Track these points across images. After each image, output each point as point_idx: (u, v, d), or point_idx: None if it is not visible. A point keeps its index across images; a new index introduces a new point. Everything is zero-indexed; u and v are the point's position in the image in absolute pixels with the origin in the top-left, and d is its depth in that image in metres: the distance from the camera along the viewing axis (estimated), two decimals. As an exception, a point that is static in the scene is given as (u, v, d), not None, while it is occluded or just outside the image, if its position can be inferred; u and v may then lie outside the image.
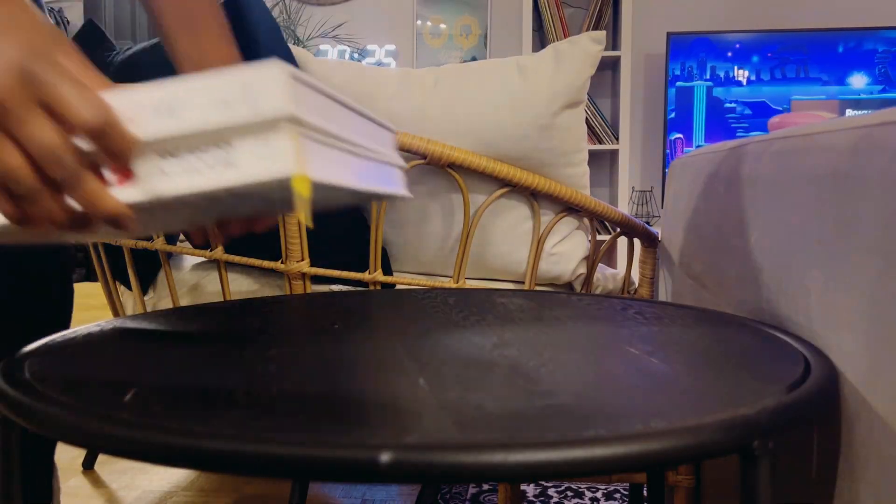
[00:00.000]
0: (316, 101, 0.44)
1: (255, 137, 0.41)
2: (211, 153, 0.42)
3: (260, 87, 0.40)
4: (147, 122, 0.42)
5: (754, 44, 3.14)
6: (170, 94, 0.42)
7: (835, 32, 3.11)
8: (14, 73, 0.39)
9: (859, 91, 3.10)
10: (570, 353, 0.50)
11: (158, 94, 0.42)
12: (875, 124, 0.50)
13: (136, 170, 0.43)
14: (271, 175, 0.41)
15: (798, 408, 0.40)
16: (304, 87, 0.42)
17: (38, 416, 0.40)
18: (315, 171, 0.42)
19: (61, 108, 0.40)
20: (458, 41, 3.52)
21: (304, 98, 0.42)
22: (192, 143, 0.42)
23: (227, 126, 0.41)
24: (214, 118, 0.41)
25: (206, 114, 0.41)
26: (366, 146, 0.51)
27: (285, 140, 0.41)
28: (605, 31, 1.20)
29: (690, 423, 0.36)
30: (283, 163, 0.41)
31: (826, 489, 0.53)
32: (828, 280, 0.53)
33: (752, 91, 3.16)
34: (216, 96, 0.41)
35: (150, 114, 0.42)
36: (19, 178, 0.40)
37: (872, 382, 0.47)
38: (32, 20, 0.42)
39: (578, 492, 1.34)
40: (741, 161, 0.75)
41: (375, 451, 0.33)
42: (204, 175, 0.42)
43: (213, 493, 1.41)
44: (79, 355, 0.52)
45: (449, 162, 1.12)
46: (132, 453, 0.36)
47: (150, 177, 0.43)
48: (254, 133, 0.41)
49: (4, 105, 0.39)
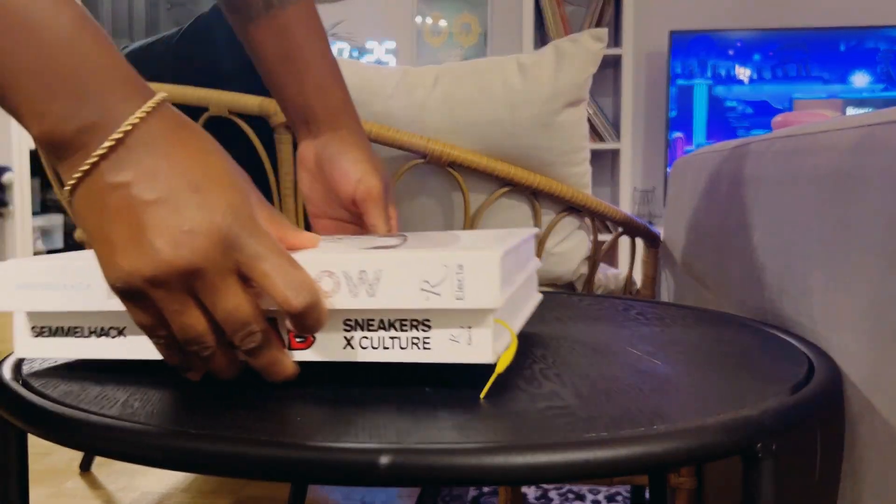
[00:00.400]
0: (506, 265, 0.42)
1: (455, 323, 0.39)
2: (404, 333, 0.40)
3: (468, 275, 0.38)
4: (343, 297, 0.39)
5: (755, 42, 3.14)
6: (370, 265, 0.39)
7: (836, 31, 3.10)
8: (216, 239, 0.36)
9: (861, 90, 3.10)
10: (571, 354, 0.50)
11: (358, 264, 0.39)
12: (878, 123, 0.50)
13: (318, 335, 0.41)
14: (466, 360, 0.39)
15: (801, 409, 0.40)
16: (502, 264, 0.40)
17: (35, 417, 0.39)
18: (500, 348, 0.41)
19: (268, 289, 0.37)
20: (458, 39, 3.51)
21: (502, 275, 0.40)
22: (385, 319, 0.40)
23: (427, 309, 0.39)
24: (414, 300, 0.39)
25: (405, 293, 0.39)
26: (524, 275, 0.50)
27: (487, 328, 0.39)
28: (607, 29, 1.20)
29: (692, 424, 0.36)
30: (481, 351, 0.39)
31: (829, 490, 0.53)
32: (830, 280, 0.53)
33: (753, 90, 3.15)
34: (419, 275, 0.38)
35: (347, 288, 0.39)
36: (201, 342, 0.38)
37: (875, 383, 0.47)
38: (223, 162, 0.39)
39: (580, 494, 1.34)
40: (743, 160, 0.75)
41: (375, 453, 0.33)
42: (392, 351, 0.40)
43: (212, 495, 1.40)
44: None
45: (449, 161, 1.12)
46: (130, 455, 0.36)
47: (332, 344, 0.41)
48: (455, 319, 0.39)
49: (201, 271, 0.36)
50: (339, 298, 0.39)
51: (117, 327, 0.44)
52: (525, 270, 0.50)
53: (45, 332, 0.45)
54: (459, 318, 0.39)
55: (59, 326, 0.45)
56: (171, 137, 0.38)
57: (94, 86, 0.37)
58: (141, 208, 0.36)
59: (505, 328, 0.41)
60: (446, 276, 0.38)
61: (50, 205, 4.25)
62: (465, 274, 0.38)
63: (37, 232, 3.96)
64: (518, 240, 0.48)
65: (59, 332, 0.45)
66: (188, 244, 0.36)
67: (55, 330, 0.45)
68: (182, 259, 0.36)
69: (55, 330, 0.45)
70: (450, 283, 0.38)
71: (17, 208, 3.67)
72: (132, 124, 0.37)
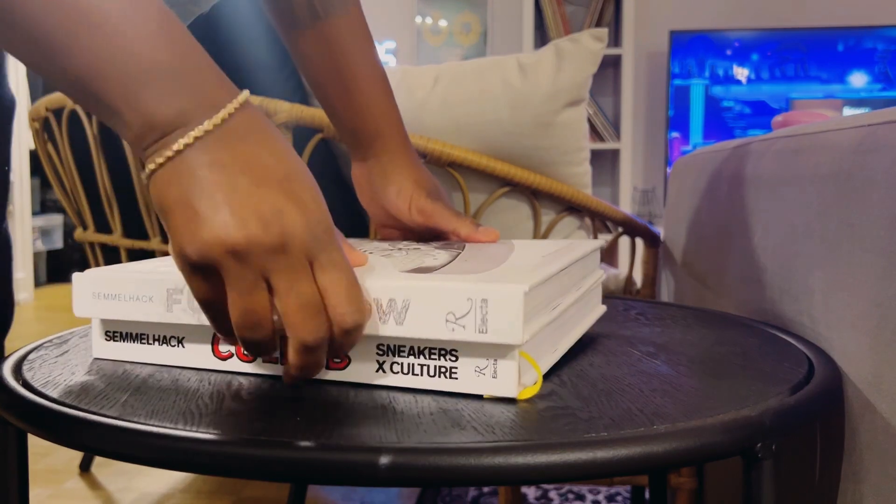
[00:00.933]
0: (540, 295, 0.42)
1: (482, 354, 0.39)
2: (433, 361, 0.41)
3: (493, 310, 0.38)
4: (373, 323, 0.40)
5: (755, 42, 3.14)
6: (400, 294, 0.40)
7: (834, 31, 3.10)
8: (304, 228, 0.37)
9: (859, 90, 3.10)
10: (571, 354, 0.50)
11: (389, 292, 0.40)
12: (879, 123, 0.50)
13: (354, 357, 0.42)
14: (491, 393, 0.40)
15: (801, 409, 0.40)
16: (535, 292, 0.40)
17: (35, 417, 0.39)
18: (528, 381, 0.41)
19: (331, 297, 0.38)
20: (458, 38, 3.51)
21: (534, 300, 0.40)
22: (415, 346, 0.41)
23: (452, 340, 0.39)
24: (441, 331, 0.39)
25: (432, 324, 0.39)
26: (580, 291, 0.50)
27: (512, 361, 0.39)
28: (607, 29, 1.20)
29: (693, 424, 0.36)
30: (505, 385, 0.39)
31: (829, 491, 0.53)
32: (831, 280, 0.53)
33: (751, 90, 3.15)
34: (445, 307, 0.39)
35: (377, 315, 0.40)
36: (259, 327, 0.38)
37: (876, 383, 0.47)
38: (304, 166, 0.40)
39: (580, 494, 1.34)
40: (744, 160, 0.75)
41: (374, 453, 0.33)
42: (421, 378, 0.41)
43: (211, 496, 1.40)
44: (76, 356, 0.51)
45: (449, 161, 1.12)
46: (130, 455, 0.36)
47: (365, 367, 0.42)
48: (481, 350, 0.39)
49: (287, 249, 0.36)
50: (370, 325, 0.40)
51: (177, 337, 0.47)
52: (582, 286, 0.51)
53: (116, 336, 0.49)
54: (485, 350, 0.39)
55: (128, 333, 0.48)
56: (264, 129, 0.39)
57: (191, 73, 0.38)
58: (234, 185, 0.37)
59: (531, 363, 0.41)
60: (471, 310, 0.38)
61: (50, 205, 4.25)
62: (489, 308, 0.38)
63: (36, 232, 3.96)
64: (571, 258, 0.48)
65: (128, 338, 0.48)
66: (278, 223, 0.36)
67: (125, 336, 0.49)
68: (271, 235, 0.36)
69: (125, 336, 0.49)
70: (473, 317, 0.38)
71: (16, 208, 3.67)
72: (230, 112, 0.38)
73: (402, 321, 0.40)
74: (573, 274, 0.49)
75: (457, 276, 0.41)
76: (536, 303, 0.41)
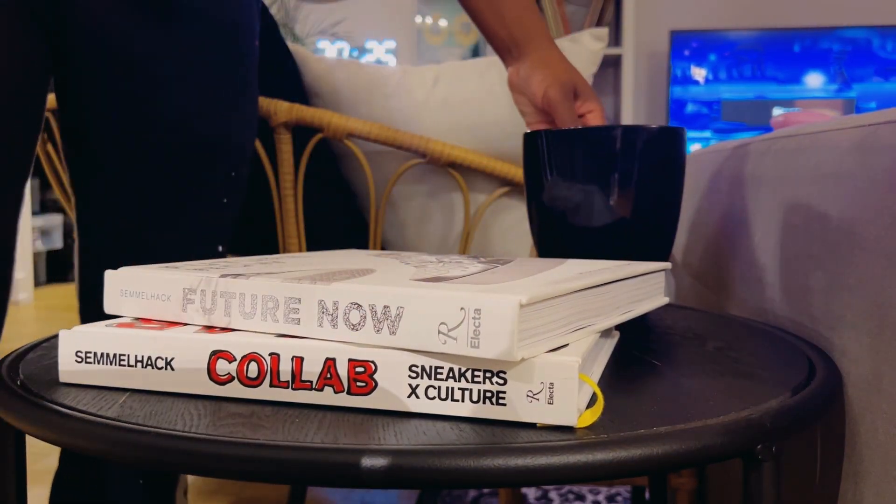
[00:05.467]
0: (568, 307, 0.38)
1: (535, 378, 0.35)
2: (476, 385, 0.36)
3: (486, 321, 0.34)
4: (367, 333, 0.37)
5: (756, 42, 3.14)
6: (393, 301, 0.36)
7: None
8: None
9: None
10: (570, 354, 0.50)
11: (383, 298, 0.37)
12: (879, 123, 0.49)
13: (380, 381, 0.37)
14: (547, 421, 0.35)
15: (802, 411, 0.40)
16: (542, 307, 0.36)
17: (34, 418, 0.39)
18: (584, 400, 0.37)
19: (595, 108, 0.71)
20: (458, 38, 3.51)
21: (547, 317, 0.36)
22: (455, 368, 0.36)
23: (447, 354, 0.35)
24: (433, 343, 0.35)
25: (423, 335, 0.36)
26: (623, 318, 0.46)
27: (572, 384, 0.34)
28: (607, 29, 1.20)
29: (693, 426, 0.36)
30: (564, 413, 0.35)
31: (829, 492, 0.52)
32: (831, 280, 0.53)
33: (750, 90, 3.15)
34: (437, 317, 0.35)
35: (372, 323, 0.37)
36: None
37: (876, 384, 0.46)
38: None
39: (580, 495, 1.34)
40: (744, 160, 0.75)
41: (372, 455, 0.32)
42: (463, 405, 0.36)
43: (211, 496, 1.40)
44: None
45: (449, 161, 1.11)
46: (129, 456, 0.35)
47: (395, 391, 0.37)
48: (533, 373, 0.35)
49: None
50: (364, 334, 0.37)
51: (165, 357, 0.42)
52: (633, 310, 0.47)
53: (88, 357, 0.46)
54: (539, 373, 0.35)
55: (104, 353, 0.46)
56: None
57: None
58: None
59: (588, 383, 0.37)
60: (463, 320, 0.35)
61: (49, 205, 4.24)
62: (482, 320, 0.34)
63: (36, 232, 3.96)
64: (612, 276, 0.44)
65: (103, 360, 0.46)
66: None
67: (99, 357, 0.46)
68: None
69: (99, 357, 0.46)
70: (465, 328, 0.35)
71: (16, 208, 3.67)
72: None
73: (395, 331, 0.36)
74: (617, 295, 0.45)
75: (461, 284, 0.38)
76: (549, 320, 0.37)
